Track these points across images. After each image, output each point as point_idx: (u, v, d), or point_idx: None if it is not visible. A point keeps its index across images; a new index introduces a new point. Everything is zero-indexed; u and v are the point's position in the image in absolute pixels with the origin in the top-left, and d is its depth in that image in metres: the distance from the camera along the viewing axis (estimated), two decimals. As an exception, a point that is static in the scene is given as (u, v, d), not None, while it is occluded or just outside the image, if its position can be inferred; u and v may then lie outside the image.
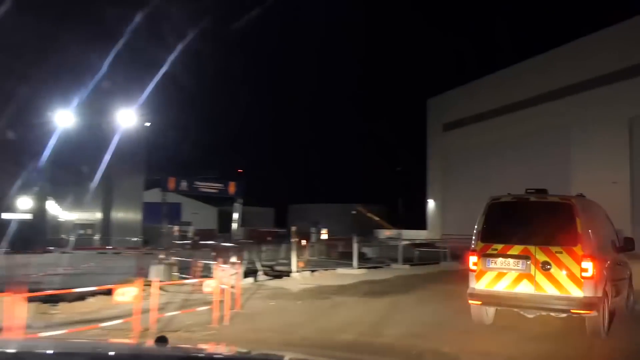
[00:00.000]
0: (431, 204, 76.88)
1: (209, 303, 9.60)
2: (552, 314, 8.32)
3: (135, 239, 38.37)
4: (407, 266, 21.24)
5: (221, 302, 9.42)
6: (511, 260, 8.26)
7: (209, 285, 9.75)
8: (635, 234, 41.04)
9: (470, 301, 8.71)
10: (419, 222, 74.06)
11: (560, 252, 7.97)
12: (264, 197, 77.34)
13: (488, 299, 8.53)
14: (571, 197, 8.87)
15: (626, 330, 8.95)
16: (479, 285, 8.54)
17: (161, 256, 16.51)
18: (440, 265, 23.17)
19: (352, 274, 18.31)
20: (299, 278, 16.72)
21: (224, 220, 58.48)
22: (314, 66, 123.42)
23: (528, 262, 8.10)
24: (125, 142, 34.20)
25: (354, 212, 74.70)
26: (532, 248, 8.13)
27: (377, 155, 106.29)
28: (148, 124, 39.17)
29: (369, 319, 10.29)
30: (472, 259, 8.67)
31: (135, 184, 53.09)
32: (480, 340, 8.49)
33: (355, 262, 19.49)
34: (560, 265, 7.94)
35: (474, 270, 8.64)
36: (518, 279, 8.17)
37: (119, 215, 57.33)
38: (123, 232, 48.78)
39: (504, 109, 64.59)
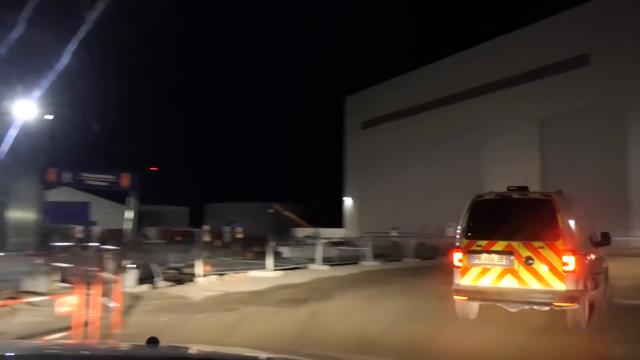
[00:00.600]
0: (348, 202, 75.88)
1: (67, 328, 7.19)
2: (535, 307, 8.37)
3: (27, 240, 34.29)
4: (326, 267, 19.32)
5: (87, 324, 7.05)
6: (495, 256, 8.36)
7: (65, 303, 7.13)
8: None
9: (455, 297, 8.73)
10: (337, 220, 72.99)
11: (543, 247, 8.12)
12: (178, 196, 73.79)
13: (473, 294, 8.57)
14: (552, 193, 8.92)
15: (605, 322, 9.00)
16: (464, 281, 8.58)
17: (39, 261, 13.71)
18: (360, 264, 21.47)
19: (266, 277, 16.18)
20: (205, 283, 14.43)
21: (140, 220, 55.48)
22: (230, 61, 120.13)
23: (512, 258, 8.22)
24: (23, 137, 30.61)
25: (271, 210, 72.57)
26: (515, 244, 8.26)
27: (296, 153, 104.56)
28: (50, 117, 35.45)
29: (283, 338, 8.20)
30: (457, 256, 8.69)
31: (33, 182, 48.60)
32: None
33: (269, 263, 17.34)
34: (543, 259, 8.07)
35: (458, 267, 8.67)
36: (502, 274, 8.28)
37: (17, 215, 52.50)
38: (20, 234, 44.42)
39: (419, 107, 64.31)
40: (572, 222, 8.58)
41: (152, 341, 2.50)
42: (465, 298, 8.71)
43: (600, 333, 8.32)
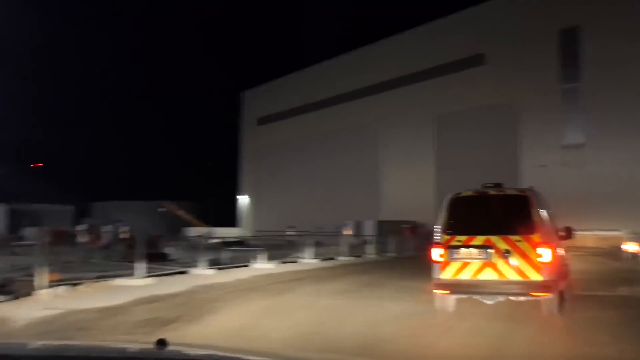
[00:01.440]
0: (243, 200, 72.74)
1: None
2: (512, 298, 8.55)
3: None
4: (212, 271, 16.20)
5: None
6: (474, 250, 8.52)
7: None
8: None
9: (436, 291, 8.89)
10: (232, 219, 69.88)
11: (520, 241, 8.35)
12: (64, 194, 67.16)
13: (454, 287, 8.70)
14: (526, 189, 9.14)
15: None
16: (445, 275, 8.72)
17: None
18: (252, 267, 18.60)
19: (132, 285, 12.83)
20: (47, 297, 10.90)
21: (16, 220, 49.56)
22: (123, 56, 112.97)
23: (490, 251, 8.42)
24: None
25: (162, 209, 67.88)
26: (493, 238, 8.44)
27: (190, 149, 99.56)
28: None
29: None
30: (438, 251, 8.82)
31: None
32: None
33: (140, 269, 13.97)
34: (520, 252, 8.31)
35: (439, 262, 8.80)
36: (482, 268, 8.46)
37: None
38: None
39: (317, 104, 62.43)
40: (544, 217, 8.79)
41: (161, 343, 2.35)
42: (447, 291, 8.83)
43: (571, 319, 8.58)
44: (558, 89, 42.46)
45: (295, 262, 21.66)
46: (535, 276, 8.23)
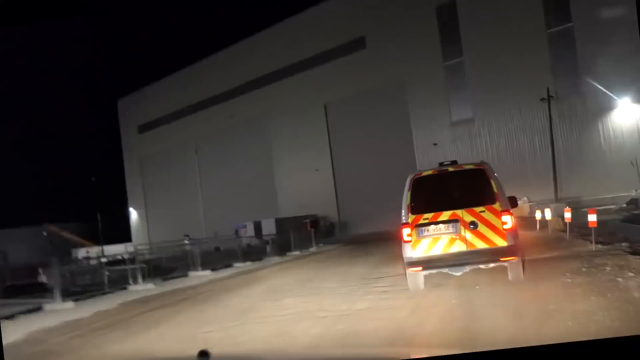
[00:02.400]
0: (134, 213, 67.79)
1: None
2: (482, 266, 8.79)
3: None
4: (70, 304, 12.87)
5: None
6: (442, 226, 8.68)
7: None
8: (341, 220, 37.32)
9: (410, 269, 8.98)
10: (127, 233, 64.83)
11: (484, 211, 8.60)
12: None
13: (427, 263, 8.78)
14: (483, 163, 9.36)
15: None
16: (416, 253, 8.80)
17: None
18: (129, 290, 15.41)
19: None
20: None
21: None
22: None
23: (458, 225, 8.62)
24: None
25: (45, 233, 61.63)
26: (459, 212, 8.63)
27: (71, 167, 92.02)
28: None
29: None
30: (406, 231, 8.85)
31: None
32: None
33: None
34: (485, 222, 8.55)
35: (408, 241, 8.83)
36: (451, 241, 8.64)
37: None
38: None
39: (201, 104, 58.80)
40: (501, 187, 8.93)
41: (203, 354, 2.42)
42: (420, 268, 8.87)
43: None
44: (442, 66, 41.85)
45: (186, 276, 18.69)
46: (502, 242, 8.49)
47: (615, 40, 33.42)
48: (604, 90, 33.91)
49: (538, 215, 22.14)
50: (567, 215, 17.32)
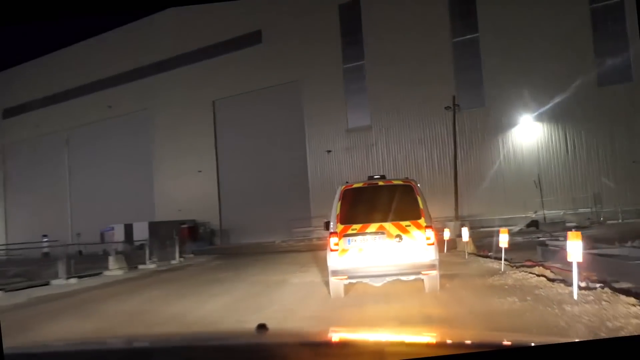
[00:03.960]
0: (-12, 208, 58.69)
1: None
2: (404, 278, 8.85)
3: None
4: None
5: None
6: (369, 237, 8.77)
7: None
8: (223, 228, 32.13)
9: (334, 278, 8.96)
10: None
11: (409, 225, 8.75)
12: None
13: (351, 273, 8.82)
14: (410, 179, 9.45)
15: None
16: (342, 262, 8.81)
17: None
18: None
19: None
20: None
21: None
22: None
23: (384, 237, 8.73)
24: None
25: None
26: (386, 224, 8.77)
27: None
28: None
29: None
30: (333, 240, 8.89)
31: None
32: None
33: None
34: (410, 236, 8.70)
35: (335, 250, 8.85)
36: (376, 252, 8.69)
37: None
38: None
39: (76, 91, 51.34)
40: (426, 203, 9.01)
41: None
42: (344, 277, 8.89)
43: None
44: (341, 68, 38.28)
45: (47, 284, 13.54)
46: (424, 256, 8.64)
47: (520, 55, 31.43)
48: (507, 105, 31.79)
49: (446, 234, 18.72)
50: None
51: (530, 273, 10.16)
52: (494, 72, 32.46)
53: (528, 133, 32.14)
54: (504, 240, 11.91)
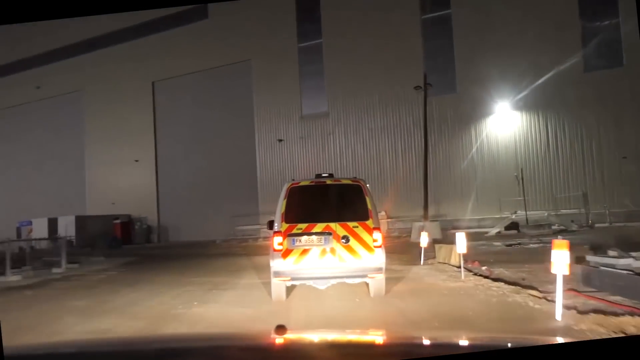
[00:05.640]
0: None
1: None
2: (349, 281, 8.44)
3: None
4: None
5: None
6: (315, 237, 8.35)
7: None
8: (161, 224, 27.04)
9: (276, 279, 8.44)
10: None
11: (357, 227, 8.37)
12: None
13: (295, 274, 8.37)
14: (359, 179, 9.02)
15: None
16: (286, 263, 8.33)
17: None
18: None
19: None
20: None
21: None
22: None
23: (330, 237, 8.29)
24: None
25: None
26: (333, 225, 8.33)
27: None
28: None
29: None
30: (277, 240, 8.42)
31: None
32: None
33: None
34: (357, 237, 8.31)
35: (279, 250, 8.36)
36: (322, 254, 8.29)
37: None
38: None
39: (2, 68, 45.50)
40: (374, 204, 8.64)
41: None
42: (287, 279, 8.41)
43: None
44: (296, 48, 33.53)
45: None
46: (371, 259, 8.25)
47: (497, 36, 27.40)
48: (481, 92, 27.68)
49: (423, 240, 14.15)
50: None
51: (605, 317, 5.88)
52: (467, 55, 28.36)
53: (505, 123, 28.10)
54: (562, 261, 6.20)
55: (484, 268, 11.52)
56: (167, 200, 38.25)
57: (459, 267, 12.12)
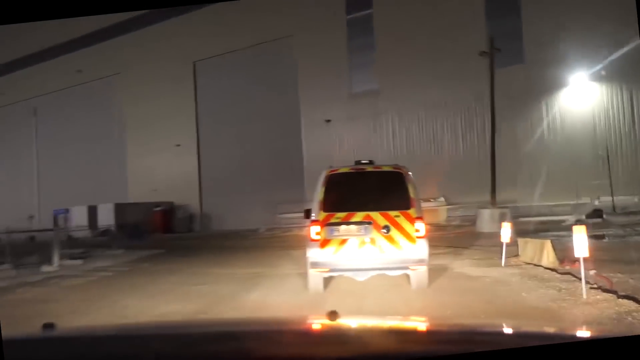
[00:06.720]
0: None
1: None
2: (390, 273, 8.20)
3: None
4: None
5: None
6: (354, 227, 8.04)
7: None
8: (203, 212, 25.17)
9: (314, 270, 8.18)
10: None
11: (398, 216, 8.04)
12: None
13: (334, 265, 8.09)
14: (401, 166, 8.69)
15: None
16: (324, 253, 8.04)
17: None
18: None
19: None
20: None
21: None
22: None
23: (370, 227, 8.01)
24: None
25: None
26: (373, 214, 8.03)
27: None
28: None
29: None
30: (315, 229, 8.10)
31: None
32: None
33: None
34: (399, 227, 8.01)
35: (316, 240, 8.07)
36: (362, 244, 8.02)
37: None
38: None
39: (42, 54, 44.48)
40: (417, 192, 8.35)
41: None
42: (326, 270, 8.15)
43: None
44: (344, 20, 30.91)
45: None
46: (413, 250, 7.97)
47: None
48: (553, 61, 24.44)
49: (505, 234, 11.28)
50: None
51: None
52: (537, 21, 25.12)
53: (580, 97, 24.81)
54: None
55: (592, 272, 8.60)
56: (210, 186, 36.57)
57: (554, 269, 9.55)
